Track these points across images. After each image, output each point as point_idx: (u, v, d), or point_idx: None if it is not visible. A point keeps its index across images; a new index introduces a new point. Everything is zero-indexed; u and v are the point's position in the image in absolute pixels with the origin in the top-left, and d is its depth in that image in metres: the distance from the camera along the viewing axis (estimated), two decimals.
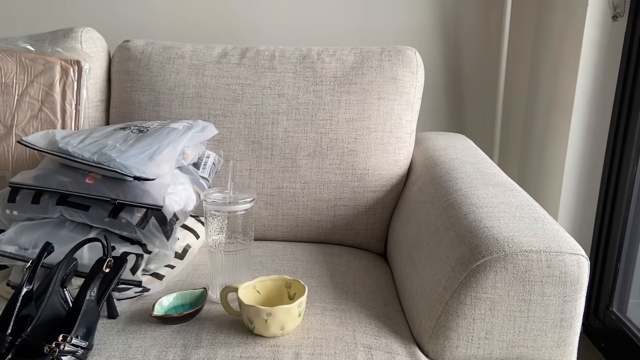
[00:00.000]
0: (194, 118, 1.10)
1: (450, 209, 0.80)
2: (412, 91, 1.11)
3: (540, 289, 0.66)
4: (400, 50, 1.13)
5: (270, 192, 1.09)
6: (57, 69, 1.12)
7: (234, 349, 0.69)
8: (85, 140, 0.86)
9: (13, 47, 1.13)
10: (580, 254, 0.67)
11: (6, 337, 0.64)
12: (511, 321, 0.68)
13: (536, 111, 1.42)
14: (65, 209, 0.82)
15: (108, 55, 1.23)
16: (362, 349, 0.71)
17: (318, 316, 0.77)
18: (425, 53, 1.48)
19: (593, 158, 1.25)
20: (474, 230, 0.71)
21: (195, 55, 1.14)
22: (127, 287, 0.81)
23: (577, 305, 0.68)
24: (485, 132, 1.52)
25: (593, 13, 1.17)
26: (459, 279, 0.68)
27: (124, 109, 1.15)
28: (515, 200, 0.80)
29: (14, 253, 0.81)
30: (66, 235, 0.82)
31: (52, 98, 1.11)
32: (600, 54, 1.19)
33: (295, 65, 1.12)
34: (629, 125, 1.18)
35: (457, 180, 0.89)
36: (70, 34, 1.17)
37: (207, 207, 0.79)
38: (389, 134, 1.08)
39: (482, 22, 1.45)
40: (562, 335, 0.69)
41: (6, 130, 1.09)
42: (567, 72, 1.24)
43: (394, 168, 1.09)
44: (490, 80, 1.49)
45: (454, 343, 0.70)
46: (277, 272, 0.92)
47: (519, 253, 0.65)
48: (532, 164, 1.43)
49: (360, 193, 1.08)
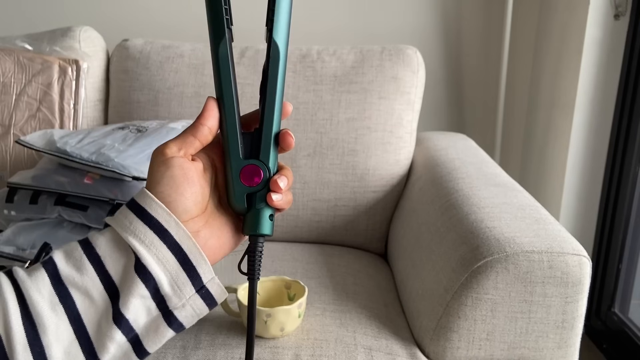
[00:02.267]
0: (193, 118, 1.09)
1: (451, 210, 0.80)
2: (413, 91, 1.10)
3: (541, 290, 0.66)
4: (401, 50, 1.13)
5: None
6: (55, 69, 1.11)
7: (233, 350, 0.68)
8: (83, 140, 0.86)
9: (11, 46, 1.13)
10: (582, 255, 0.66)
11: None
12: (512, 322, 0.67)
13: (538, 111, 1.41)
14: (63, 209, 0.81)
15: (106, 54, 1.22)
16: (362, 350, 0.70)
17: (318, 317, 0.77)
18: (426, 52, 1.47)
19: (595, 158, 1.24)
20: (475, 231, 0.71)
21: (195, 55, 1.14)
22: None
23: (578, 306, 0.67)
24: (487, 132, 1.51)
25: (595, 12, 1.16)
26: (460, 280, 0.67)
27: (123, 109, 1.14)
28: (517, 201, 0.79)
29: (11, 253, 0.80)
30: (64, 235, 0.82)
31: (50, 97, 1.10)
32: (602, 53, 1.18)
33: (295, 64, 1.11)
34: (630, 125, 1.18)
35: (458, 180, 0.89)
36: (68, 33, 1.17)
37: None
38: (389, 134, 1.08)
39: (483, 20, 1.45)
40: (563, 337, 0.68)
41: (4, 130, 1.08)
42: (569, 71, 1.23)
43: (395, 168, 1.08)
44: (491, 80, 1.48)
45: (454, 344, 0.69)
46: (277, 272, 0.91)
47: (520, 254, 0.65)
48: (534, 164, 1.43)
49: (360, 193, 1.07)
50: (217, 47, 0.44)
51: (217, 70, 0.45)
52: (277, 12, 0.45)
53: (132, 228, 0.41)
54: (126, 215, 0.42)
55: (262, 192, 0.45)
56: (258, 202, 0.45)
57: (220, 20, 0.44)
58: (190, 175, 0.42)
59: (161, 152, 0.43)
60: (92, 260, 0.40)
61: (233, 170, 0.44)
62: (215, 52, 0.44)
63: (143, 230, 0.41)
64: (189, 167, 0.43)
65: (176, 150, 0.43)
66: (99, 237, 0.42)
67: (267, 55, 0.45)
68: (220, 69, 0.45)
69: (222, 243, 0.45)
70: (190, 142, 0.43)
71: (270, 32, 0.45)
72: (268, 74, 0.45)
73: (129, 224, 0.41)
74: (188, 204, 0.42)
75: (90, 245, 0.41)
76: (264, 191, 0.45)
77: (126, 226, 0.41)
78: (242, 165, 0.44)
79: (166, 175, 0.42)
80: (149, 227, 0.41)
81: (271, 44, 0.45)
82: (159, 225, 0.41)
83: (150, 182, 0.43)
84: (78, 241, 0.42)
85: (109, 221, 0.43)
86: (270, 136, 0.45)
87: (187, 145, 0.43)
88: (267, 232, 0.45)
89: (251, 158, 0.45)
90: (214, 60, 0.45)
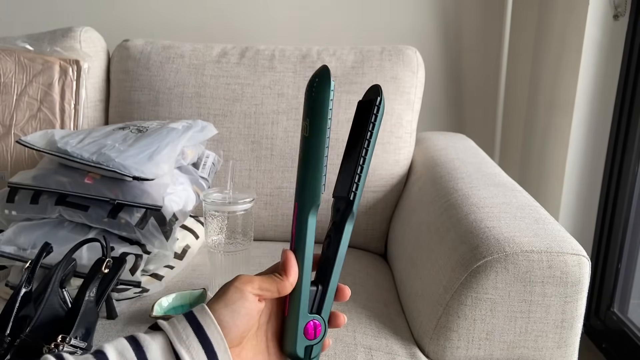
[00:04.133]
0: (193, 118, 1.09)
1: (451, 209, 0.80)
2: (412, 91, 1.11)
3: (541, 290, 0.66)
4: (400, 50, 1.13)
5: (270, 192, 1.08)
6: (56, 69, 1.11)
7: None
8: (84, 140, 0.86)
9: (12, 46, 1.13)
10: (581, 254, 0.66)
11: (5, 337, 0.64)
12: (512, 322, 0.68)
13: (537, 111, 1.41)
14: (64, 209, 0.81)
15: (107, 54, 1.22)
16: (362, 350, 0.70)
17: None
18: (425, 52, 1.47)
19: (594, 158, 1.24)
20: (474, 231, 0.71)
21: (195, 55, 1.14)
22: (126, 288, 0.81)
23: (578, 305, 0.67)
24: (486, 132, 1.51)
25: (594, 12, 1.16)
26: (460, 280, 0.67)
27: (123, 109, 1.14)
28: (516, 201, 0.80)
29: (12, 253, 0.80)
30: (65, 235, 0.82)
31: (51, 98, 1.10)
32: (601, 53, 1.18)
33: (295, 64, 1.12)
34: (630, 125, 1.18)
35: (458, 180, 0.89)
36: (69, 34, 1.17)
37: (206, 208, 0.79)
38: (389, 134, 1.08)
39: (482, 21, 1.45)
40: (563, 336, 0.68)
41: (5, 130, 1.09)
42: (568, 71, 1.24)
43: (395, 168, 1.09)
44: (491, 80, 1.48)
45: (454, 344, 0.69)
46: None
47: (519, 253, 0.65)
48: (533, 164, 1.43)
49: None
50: (309, 213, 0.47)
51: (304, 233, 0.48)
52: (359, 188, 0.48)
53: (187, 342, 0.43)
54: (184, 328, 0.44)
55: (319, 344, 0.49)
56: (314, 353, 0.48)
57: (317, 185, 0.47)
58: (253, 314, 0.45)
59: (245, 282, 0.45)
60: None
61: (300, 325, 0.47)
62: (305, 217, 0.47)
63: (196, 347, 0.43)
64: (255, 307, 0.45)
65: (257, 289, 0.45)
66: (150, 342, 0.43)
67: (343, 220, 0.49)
68: (307, 236, 0.48)
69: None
70: (272, 291, 0.46)
71: (352, 203, 0.48)
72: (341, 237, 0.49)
73: (185, 337, 0.43)
74: (237, 335, 0.45)
75: (141, 348, 0.42)
76: (320, 344, 0.49)
77: (182, 338, 0.43)
78: (307, 321, 0.48)
79: (237, 304, 0.44)
80: (202, 346, 0.43)
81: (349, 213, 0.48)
82: (211, 347, 0.43)
83: (218, 300, 0.45)
84: (126, 339, 0.43)
85: (164, 327, 0.44)
86: (333, 294, 0.49)
87: (268, 293, 0.46)
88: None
89: (314, 313, 0.48)
90: (303, 222, 0.47)
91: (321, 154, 0.46)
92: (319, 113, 0.45)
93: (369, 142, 0.48)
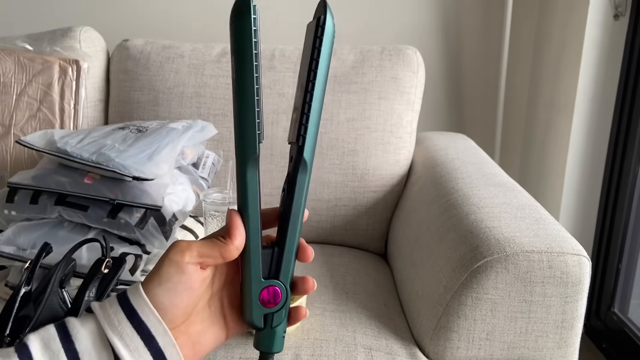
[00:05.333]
0: (193, 118, 1.09)
1: (451, 209, 0.80)
2: (412, 91, 1.10)
3: (541, 290, 0.66)
4: (400, 50, 1.13)
5: (270, 192, 1.08)
6: (56, 69, 1.11)
7: (233, 350, 0.69)
8: (83, 140, 0.86)
9: (11, 46, 1.13)
10: (581, 255, 0.66)
11: (5, 337, 0.64)
12: (512, 322, 0.67)
13: (537, 111, 1.41)
14: (63, 209, 0.81)
15: (107, 54, 1.22)
16: (362, 350, 0.70)
17: (318, 317, 0.77)
18: (426, 52, 1.47)
19: (594, 158, 1.24)
20: (474, 231, 0.71)
21: (195, 55, 1.14)
22: (126, 288, 0.80)
23: (578, 306, 0.67)
24: (486, 132, 1.51)
25: (594, 12, 1.16)
26: (460, 280, 0.67)
27: (123, 109, 1.14)
28: (517, 201, 0.80)
29: (12, 253, 0.80)
30: (65, 235, 0.82)
31: (50, 98, 1.10)
32: (602, 53, 1.18)
33: (295, 64, 1.11)
34: (630, 125, 1.18)
35: (458, 180, 0.89)
36: (68, 34, 1.17)
37: (206, 208, 0.79)
38: (389, 134, 1.08)
39: (483, 21, 1.45)
40: (563, 336, 0.68)
41: (4, 130, 1.08)
42: (568, 71, 1.24)
43: (395, 168, 1.08)
44: (491, 80, 1.48)
45: (454, 344, 0.69)
46: None
47: (520, 253, 0.65)
48: (534, 164, 1.43)
49: (360, 193, 1.07)
50: (246, 166, 0.41)
51: (244, 188, 0.42)
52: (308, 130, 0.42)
53: (119, 329, 0.39)
54: (115, 312, 0.40)
55: (280, 312, 0.43)
56: (275, 322, 0.43)
57: (250, 133, 0.41)
58: (195, 287, 0.41)
59: (181, 251, 0.40)
60: (70, 356, 0.38)
61: (253, 292, 0.42)
62: (244, 171, 0.41)
63: (130, 334, 0.39)
64: (197, 278, 0.41)
65: (196, 257, 0.41)
66: (80, 330, 0.39)
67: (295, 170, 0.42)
68: (247, 188, 0.42)
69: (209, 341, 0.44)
70: (214, 257, 0.41)
71: (302, 149, 0.42)
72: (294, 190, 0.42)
73: (117, 323, 0.39)
74: (178, 314, 0.41)
75: (69, 338, 0.39)
76: (281, 311, 0.43)
77: (114, 325, 0.39)
78: (262, 287, 0.42)
79: (173, 280, 0.40)
80: (137, 332, 0.39)
81: (300, 161, 0.42)
82: (147, 331, 0.39)
83: (152, 277, 0.41)
84: (55, 327, 0.39)
85: (95, 311, 0.40)
86: (292, 256, 0.43)
87: (210, 259, 0.41)
88: (280, 350, 0.45)
89: (271, 278, 0.43)
90: (241, 177, 0.41)
91: (250, 95, 0.39)
92: (241, 47, 0.39)
93: (315, 73, 0.41)
